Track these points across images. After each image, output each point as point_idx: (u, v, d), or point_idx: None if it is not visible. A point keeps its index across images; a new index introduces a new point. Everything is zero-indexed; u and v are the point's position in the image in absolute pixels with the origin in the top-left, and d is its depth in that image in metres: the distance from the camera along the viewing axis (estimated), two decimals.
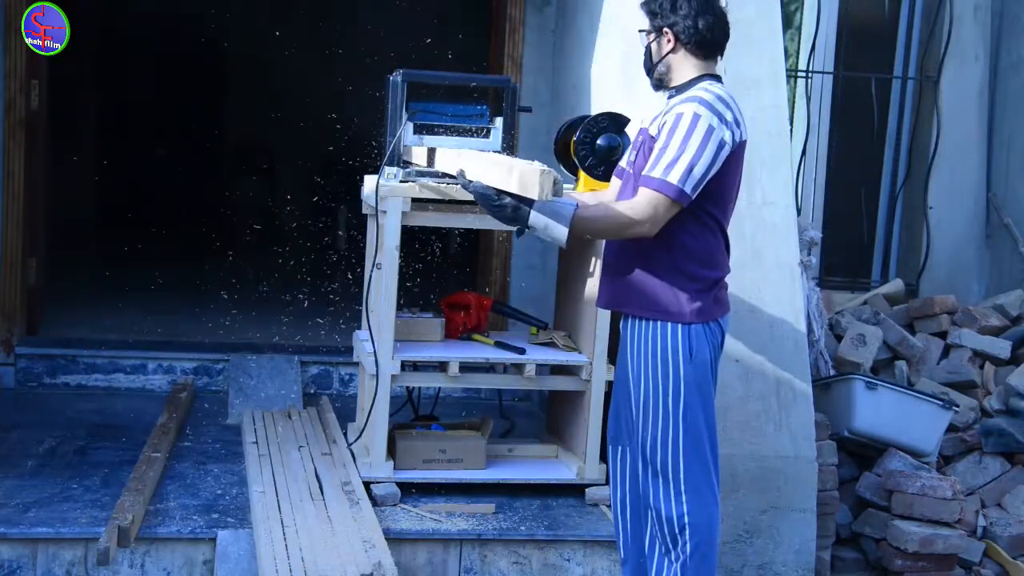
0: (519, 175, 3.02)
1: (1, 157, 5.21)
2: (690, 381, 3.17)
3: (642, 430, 3.24)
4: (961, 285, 5.61)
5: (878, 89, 5.78)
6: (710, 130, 3.05)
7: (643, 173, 3.09)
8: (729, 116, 3.10)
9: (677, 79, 3.24)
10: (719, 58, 3.27)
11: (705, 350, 3.19)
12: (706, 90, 3.13)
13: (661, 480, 3.20)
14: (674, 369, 3.18)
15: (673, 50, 3.22)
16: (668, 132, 3.09)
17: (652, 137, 3.18)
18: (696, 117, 3.06)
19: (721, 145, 3.07)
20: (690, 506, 3.18)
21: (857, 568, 4.31)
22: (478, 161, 3.38)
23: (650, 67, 3.29)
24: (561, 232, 3.03)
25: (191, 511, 3.79)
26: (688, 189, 3.04)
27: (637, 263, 3.21)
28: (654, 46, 3.27)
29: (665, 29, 3.22)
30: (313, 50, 10.38)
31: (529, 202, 3.02)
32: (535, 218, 3.03)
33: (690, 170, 3.03)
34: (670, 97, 3.25)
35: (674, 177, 3.02)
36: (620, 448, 3.40)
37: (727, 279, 3.29)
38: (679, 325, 3.17)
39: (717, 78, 3.24)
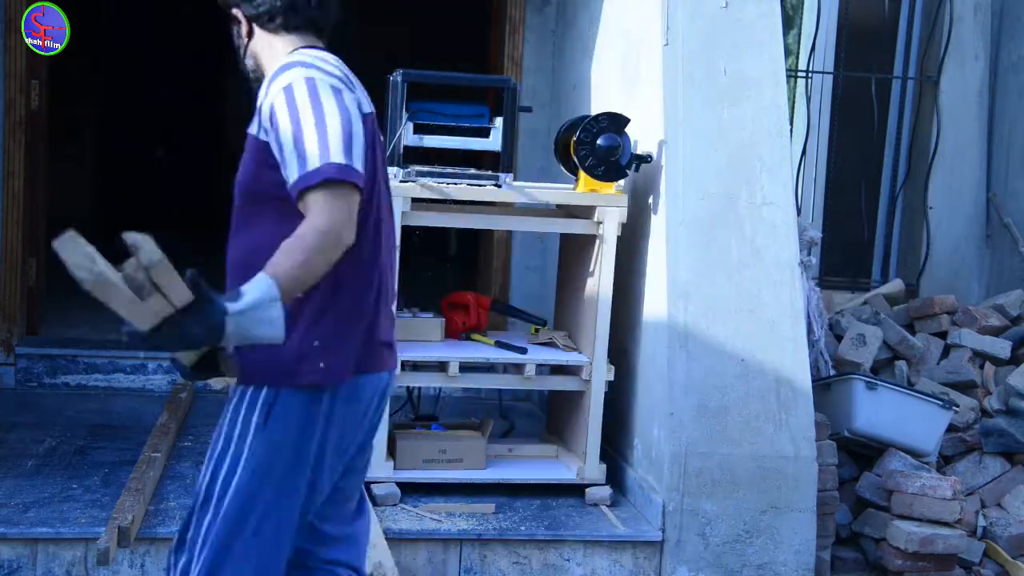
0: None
1: (1, 157, 5.21)
2: (256, 461, 2.33)
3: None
4: (961, 285, 5.60)
5: (878, 89, 5.77)
6: (337, 91, 2.28)
7: (296, 177, 2.20)
8: (340, 74, 2.34)
9: (271, 69, 2.41)
10: (323, 31, 2.50)
11: (291, 426, 2.32)
12: (297, 58, 2.35)
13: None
14: (239, 439, 2.35)
15: (250, 34, 2.48)
16: (288, 112, 2.23)
17: (257, 137, 2.33)
18: (311, 80, 2.26)
19: (354, 108, 2.32)
20: None
21: (857, 568, 4.30)
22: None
23: (242, 65, 2.56)
24: (272, 319, 2.02)
25: None
26: (358, 165, 2.23)
27: (238, 280, 2.20)
28: (236, 37, 2.53)
29: (234, 12, 2.48)
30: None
31: (197, 308, 1.96)
32: (234, 323, 2.00)
33: (348, 140, 2.22)
34: None
35: (335, 155, 2.18)
36: None
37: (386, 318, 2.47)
38: (262, 388, 2.34)
39: (317, 47, 2.45)
